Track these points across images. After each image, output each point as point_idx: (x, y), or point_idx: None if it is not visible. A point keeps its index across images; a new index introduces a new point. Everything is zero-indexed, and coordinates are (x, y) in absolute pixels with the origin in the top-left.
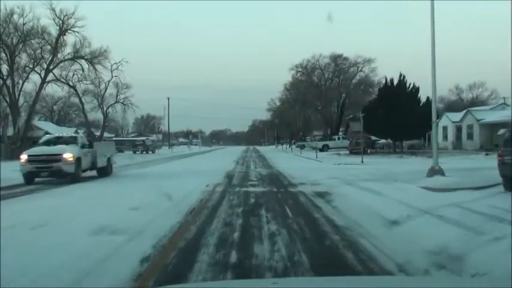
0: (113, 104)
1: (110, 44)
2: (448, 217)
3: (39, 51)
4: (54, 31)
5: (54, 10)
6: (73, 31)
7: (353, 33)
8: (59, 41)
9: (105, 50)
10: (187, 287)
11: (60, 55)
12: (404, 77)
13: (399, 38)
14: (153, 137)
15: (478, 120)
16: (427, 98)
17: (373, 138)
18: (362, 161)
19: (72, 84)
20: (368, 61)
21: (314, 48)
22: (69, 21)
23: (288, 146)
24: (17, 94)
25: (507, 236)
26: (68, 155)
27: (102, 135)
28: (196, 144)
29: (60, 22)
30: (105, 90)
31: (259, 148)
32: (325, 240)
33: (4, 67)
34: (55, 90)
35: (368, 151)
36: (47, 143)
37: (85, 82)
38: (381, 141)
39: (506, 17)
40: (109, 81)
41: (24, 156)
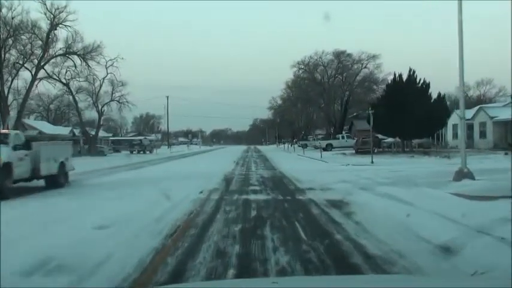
0: (108, 102)
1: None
2: None
3: (29, 46)
4: (45, 25)
5: (45, 4)
6: (65, 25)
7: (356, 30)
8: (50, 36)
9: (98, 45)
10: (186, 287)
11: (51, 51)
12: (414, 72)
13: (403, 35)
14: (152, 137)
15: (492, 117)
16: (439, 94)
17: (379, 137)
18: (372, 161)
19: (65, 81)
20: (373, 57)
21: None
22: (60, 15)
23: (290, 146)
24: (6, 92)
25: None
26: None
27: (96, 134)
28: (196, 143)
29: (51, 16)
30: (99, 87)
31: (260, 148)
32: None
33: None
34: (47, 87)
35: (375, 150)
36: None
37: (78, 79)
38: (387, 139)
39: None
40: (104, 78)
41: None
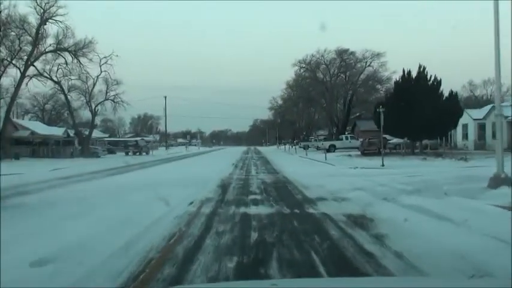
0: (102, 102)
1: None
2: None
3: (17, 42)
4: (34, 20)
5: None
6: (55, 20)
7: (358, 30)
8: (40, 32)
9: (90, 41)
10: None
11: (41, 47)
12: (424, 69)
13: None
14: (150, 138)
15: (506, 117)
16: (450, 92)
17: (386, 137)
18: (383, 164)
19: (56, 79)
20: (377, 55)
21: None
22: (51, 9)
23: (291, 147)
24: None
25: None
26: None
27: (90, 135)
28: (195, 144)
29: (41, 10)
30: (93, 86)
31: (260, 149)
32: None
33: None
34: (41, 87)
35: (382, 152)
36: None
37: (71, 77)
38: (392, 140)
39: None
40: (97, 76)
41: None
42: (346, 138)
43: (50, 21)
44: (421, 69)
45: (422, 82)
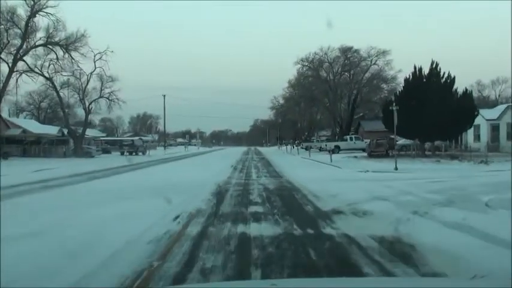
0: (97, 99)
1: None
2: None
3: (6, 35)
4: (24, 13)
5: None
6: (46, 13)
7: (361, 29)
8: (30, 24)
9: (82, 35)
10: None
11: (31, 41)
12: (437, 65)
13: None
14: (149, 137)
15: None
16: (465, 90)
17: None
18: (396, 168)
19: (48, 75)
20: (383, 53)
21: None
22: (41, 1)
23: (292, 147)
24: None
25: None
26: None
27: (83, 134)
28: (195, 144)
29: (31, 2)
30: (87, 83)
31: (261, 149)
32: None
33: None
34: (26, 81)
35: (390, 154)
36: None
37: (63, 73)
38: (399, 141)
39: None
40: (91, 72)
41: None
42: (350, 139)
43: (41, 13)
44: (434, 65)
45: (434, 79)
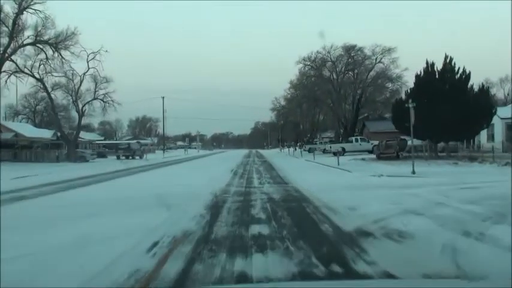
0: (91, 101)
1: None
2: None
3: None
4: (11, 10)
5: None
6: (34, 10)
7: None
8: (17, 22)
9: (72, 32)
10: None
11: (20, 40)
12: (451, 60)
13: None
14: (148, 140)
15: None
16: (481, 87)
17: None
18: (413, 171)
19: (39, 76)
20: (388, 50)
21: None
22: None
23: (295, 150)
24: None
25: None
26: None
27: (76, 137)
28: (195, 147)
29: None
30: (80, 84)
31: (262, 152)
32: None
33: None
34: (17, 83)
35: (400, 156)
36: None
37: (55, 74)
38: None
39: None
40: (84, 73)
41: None
42: (356, 140)
43: (29, 10)
44: (448, 60)
45: (448, 75)
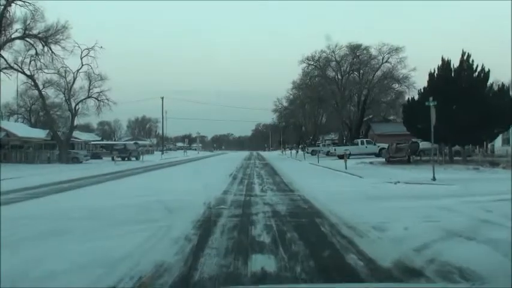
0: (84, 100)
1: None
2: None
3: None
4: None
5: None
6: (23, 2)
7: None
8: (5, 15)
9: (63, 26)
10: None
11: (8, 34)
12: (469, 57)
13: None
14: (147, 141)
15: None
16: (501, 86)
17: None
18: (434, 178)
19: (30, 73)
20: (395, 50)
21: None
22: None
23: (297, 152)
24: None
25: None
26: None
27: (69, 137)
28: (195, 149)
29: None
30: (73, 81)
31: (263, 154)
32: None
33: None
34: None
35: (411, 159)
36: None
37: (46, 71)
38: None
39: None
40: (78, 70)
41: None
42: (361, 142)
43: (18, 2)
44: (465, 57)
45: (465, 73)
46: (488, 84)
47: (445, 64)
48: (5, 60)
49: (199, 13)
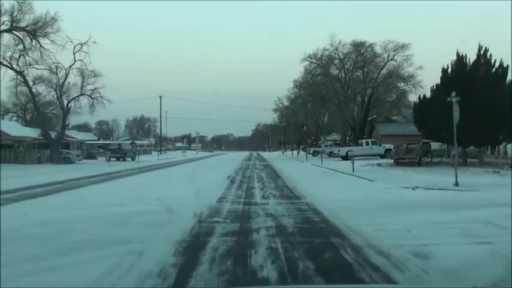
0: (77, 97)
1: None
2: None
3: None
4: None
5: None
6: None
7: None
8: None
9: (52, 18)
10: None
11: None
12: (486, 50)
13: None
14: (145, 141)
15: None
16: None
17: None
18: (457, 183)
19: (19, 68)
20: (401, 47)
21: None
22: None
23: (298, 152)
24: None
25: None
26: None
27: (60, 137)
28: (194, 149)
29: None
30: (65, 78)
31: (264, 154)
32: None
33: None
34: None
35: (421, 161)
36: None
37: (37, 67)
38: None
39: None
40: (70, 66)
41: None
42: (366, 143)
43: None
44: (482, 51)
45: (483, 69)
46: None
47: (462, 59)
48: None
49: (199, 13)
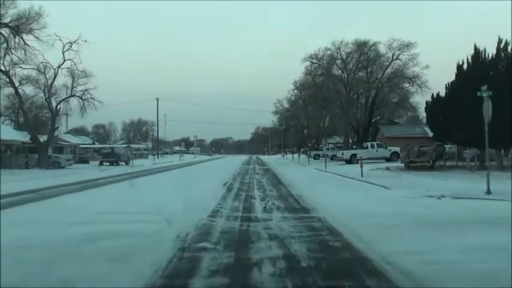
0: (67, 98)
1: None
2: None
3: None
4: None
5: None
6: None
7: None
8: None
9: (37, 13)
10: None
11: None
12: (506, 44)
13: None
14: (142, 145)
15: None
16: None
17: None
18: (489, 191)
19: (4, 68)
20: (407, 46)
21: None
22: None
23: (299, 156)
24: None
25: None
26: None
27: (49, 140)
28: (193, 153)
29: None
30: (53, 78)
31: (263, 158)
32: None
33: None
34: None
35: (434, 165)
36: None
37: (24, 66)
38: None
39: None
40: (59, 66)
41: None
42: (371, 146)
43: None
44: (501, 44)
45: (504, 64)
46: None
47: (481, 53)
48: None
49: (199, 13)
